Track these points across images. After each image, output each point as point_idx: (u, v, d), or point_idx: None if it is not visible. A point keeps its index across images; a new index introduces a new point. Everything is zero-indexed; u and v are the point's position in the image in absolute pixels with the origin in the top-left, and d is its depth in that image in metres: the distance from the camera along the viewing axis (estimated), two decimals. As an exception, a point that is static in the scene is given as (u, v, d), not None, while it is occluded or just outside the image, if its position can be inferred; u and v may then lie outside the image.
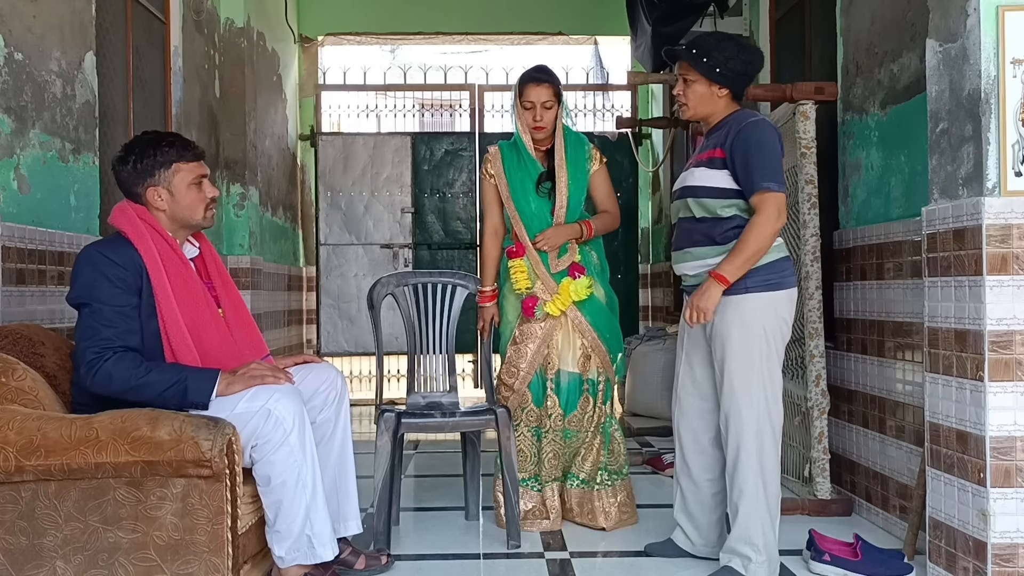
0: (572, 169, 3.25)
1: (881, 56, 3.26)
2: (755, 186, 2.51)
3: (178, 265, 2.42)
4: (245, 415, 2.27)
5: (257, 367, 2.37)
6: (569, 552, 2.99)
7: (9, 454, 2.07)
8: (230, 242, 5.21)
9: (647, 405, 5.68)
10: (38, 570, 2.11)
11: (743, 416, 2.56)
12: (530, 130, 3.22)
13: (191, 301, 2.40)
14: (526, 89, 3.19)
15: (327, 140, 7.13)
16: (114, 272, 2.29)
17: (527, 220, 3.21)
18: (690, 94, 2.64)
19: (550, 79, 3.21)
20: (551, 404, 3.19)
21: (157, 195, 2.42)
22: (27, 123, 2.87)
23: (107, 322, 2.27)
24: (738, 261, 2.49)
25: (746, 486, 2.56)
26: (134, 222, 2.39)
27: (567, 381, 3.21)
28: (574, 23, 7.20)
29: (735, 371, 2.57)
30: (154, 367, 2.28)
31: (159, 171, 2.41)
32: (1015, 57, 2.25)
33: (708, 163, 2.61)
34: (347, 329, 7.08)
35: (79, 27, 3.22)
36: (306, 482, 2.32)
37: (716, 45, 2.58)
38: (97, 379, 2.25)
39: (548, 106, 3.18)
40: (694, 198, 2.62)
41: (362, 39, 7.40)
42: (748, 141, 2.53)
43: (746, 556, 2.57)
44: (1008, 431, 2.25)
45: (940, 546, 2.47)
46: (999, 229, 2.25)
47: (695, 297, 2.55)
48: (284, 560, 2.37)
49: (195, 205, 2.46)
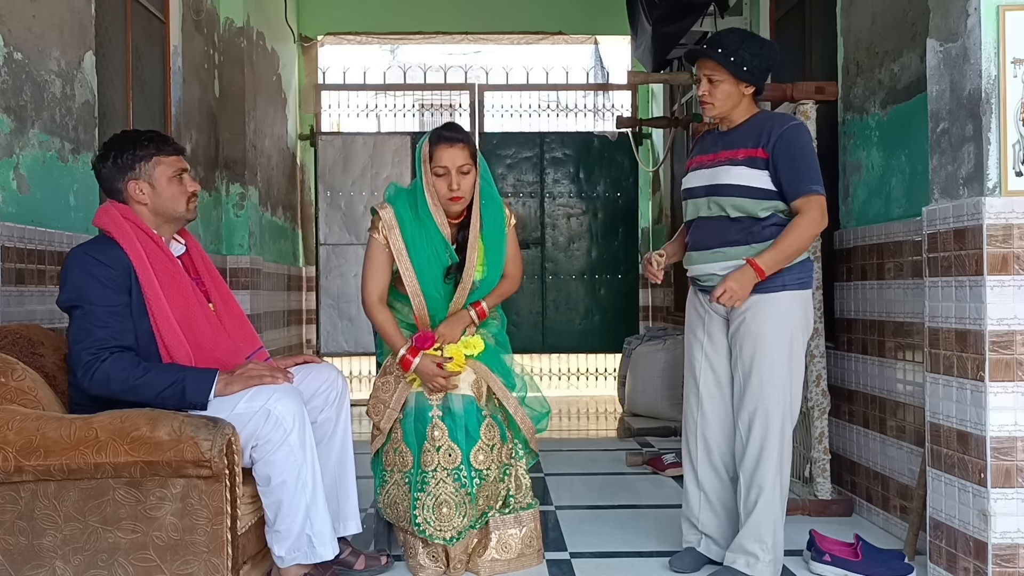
0: (490, 245, 2.79)
1: (881, 56, 3.26)
2: (803, 189, 2.52)
3: (165, 262, 2.41)
4: (245, 415, 2.26)
5: (255, 367, 2.36)
6: (569, 552, 2.99)
7: (9, 454, 2.07)
8: (230, 242, 5.21)
9: (647, 405, 5.67)
10: (37, 570, 2.10)
11: (770, 414, 2.56)
12: (445, 201, 2.71)
13: (181, 298, 2.40)
14: (437, 151, 2.70)
15: (327, 140, 7.13)
16: (103, 272, 2.29)
17: (432, 306, 2.76)
18: (718, 93, 2.59)
19: (465, 139, 2.73)
20: (438, 436, 2.63)
21: (139, 189, 2.42)
22: (26, 123, 2.86)
23: (100, 323, 2.26)
24: (779, 256, 2.50)
25: (765, 484, 2.56)
26: (118, 221, 2.38)
27: (460, 405, 2.67)
28: (574, 23, 7.20)
29: (765, 369, 2.56)
30: (152, 367, 2.27)
31: (139, 165, 2.41)
32: (1016, 57, 2.25)
33: (748, 163, 2.57)
34: (347, 329, 7.08)
35: (78, 27, 3.22)
36: (306, 482, 2.32)
37: (741, 43, 2.56)
38: (95, 381, 2.24)
39: (465, 171, 2.69)
40: (729, 197, 2.58)
41: (362, 39, 7.40)
42: (794, 145, 2.54)
43: (753, 554, 2.56)
44: (1009, 431, 2.25)
45: (940, 546, 2.47)
46: (1000, 229, 2.24)
47: (730, 279, 2.48)
48: (284, 560, 2.37)
49: (177, 198, 2.46)
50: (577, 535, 3.18)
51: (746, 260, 2.51)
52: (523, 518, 2.78)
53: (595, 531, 3.23)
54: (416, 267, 2.73)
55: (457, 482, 2.63)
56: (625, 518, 3.41)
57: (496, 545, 2.73)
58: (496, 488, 2.73)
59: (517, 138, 7.25)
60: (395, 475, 2.72)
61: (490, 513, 2.74)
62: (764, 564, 2.55)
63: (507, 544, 2.74)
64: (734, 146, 2.62)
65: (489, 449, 2.69)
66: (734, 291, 2.48)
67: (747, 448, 2.60)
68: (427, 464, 2.63)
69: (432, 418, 2.66)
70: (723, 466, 2.73)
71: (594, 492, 3.91)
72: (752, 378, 2.58)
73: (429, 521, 2.61)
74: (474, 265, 2.77)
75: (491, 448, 2.70)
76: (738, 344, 2.62)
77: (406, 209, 2.76)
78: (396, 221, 2.74)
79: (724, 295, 2.49)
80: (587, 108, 7.82)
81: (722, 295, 2.50)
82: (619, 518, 3.41)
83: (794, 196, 2.53)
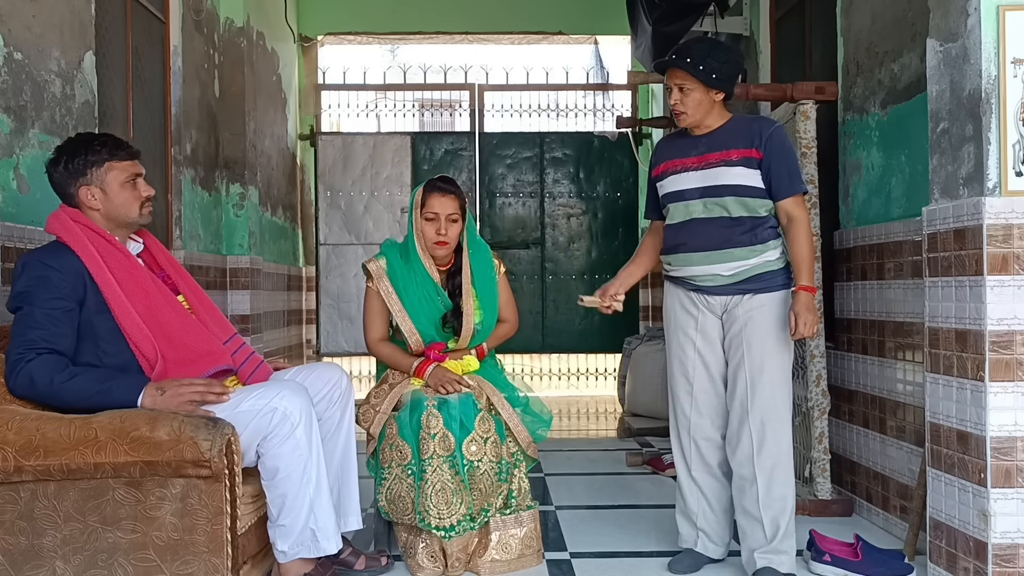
0: (482, 290, 2.98)
1: (881, 56, 3.26)
2: (794, 188, 2.62)
3: (120, 259, 2.38)
4: (251, 412, 2.28)
5: (189, 384, 2.28)
6: (569, 552, 2.99)
7: (8, 454, 2.06)
8: (230, 242, 5.21)
9: (647, 405, 5.67)
10: (37, 570, 2.10)
11: (781, 412, 2.62)
12: (431, 245, 2.93)
13: (141, 291, 2.37)
14: (430, 199, 2.91)
15: (327, 140, 7.13)
16: (50, 276, 2.26)
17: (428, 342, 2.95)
18: (689, 102, 2.65)
19: (457, 192, 2.97)
20: (434, 424, 2.68)
21: (90, 194, 2.39)
22: (26, 123, 2.86)
23: (35, 324, 2.23)
24: (811, 267, 2.59)
25: (789, 480, 2.62)
26: (68, 226, 2.35)
27: (456, 398, 2.76)
28: (574, 23, 7.20)
29: (774, 368, 2.62)
30: (79, 372, 2.24)
31: (91, 170, 2.39)
32: (1016, 57, 2.25)
33: (745, 163, 2.62)
34: (347, 329, 7.08)
35: (78, 27, 3.22)
36: (311, 476, 2.35)
37: (710, 52, 2.63)
38: (18, 381, 2.20)
39: (453, 219, 2.91)
40: (736, 197, 2.61)
41: (362, 39, 7.40)
42: (783, 145, 2.64)
43: (787, 552, 2.61)
44: (1009, 431, 2.25)
45: (940, 546, 2.47)
46: (1000, 229, 2.24)
47: (802, 312, 2.53)
48: (287, 555, 2.38)
49: (129, 203, 2.43)
50: (577, 535, 3.18)
51: (795, 289, 2.58)
52: (523, 519, 2.81)
53: (595, 531, 3.23)
54: (409, 308, 2.94)
55: (453, 468, 2.67)
56: (625, 518, 3.41)
57: (496, 545, 2.75)
58: (495, 486, 2.75)
59: (517, 138, 7.25)
60: (395, 470, 2.74)
61: (490, 513, 2.75)
62: (793, 557, 2.64)
63: (507, 545, 2.77)
64: (721, 148, 2.65)
65: (483, 442, 2.72)
66: (811, 320, 2.54)
67: (764, 447, 2.60)
68: (424, 452, 2.66)
69: (427, 407, 2.71)
70: (717, 463, 2.75)
71: (594, 492, 3.91)
72: (764, 376, 2.61)
73: (430, 510, 2.63)
74: (472, 311, 2.95)
75: (484, 441, 2.73)
76: (744, 343, 2.63)
77: (396, 258, 3.00)
78: (386, 270, 2.98)
79: (807, 328, 2.53)
80: (587, 108, 7.81)
81: (805, 329, 2.53)
82: (619, 518, 3.41)
83: (786, 194, 2.61)
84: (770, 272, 2.64)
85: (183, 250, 4.43)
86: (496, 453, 2.75)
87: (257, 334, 5.26)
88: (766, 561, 2.60)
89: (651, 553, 2.97)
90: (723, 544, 2.81)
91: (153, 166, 4.25)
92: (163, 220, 4.35)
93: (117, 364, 2.31)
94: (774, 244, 2.64)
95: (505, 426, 2.81)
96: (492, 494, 2.75)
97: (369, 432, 2.85)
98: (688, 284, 2.74)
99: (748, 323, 2.62)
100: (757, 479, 2.61)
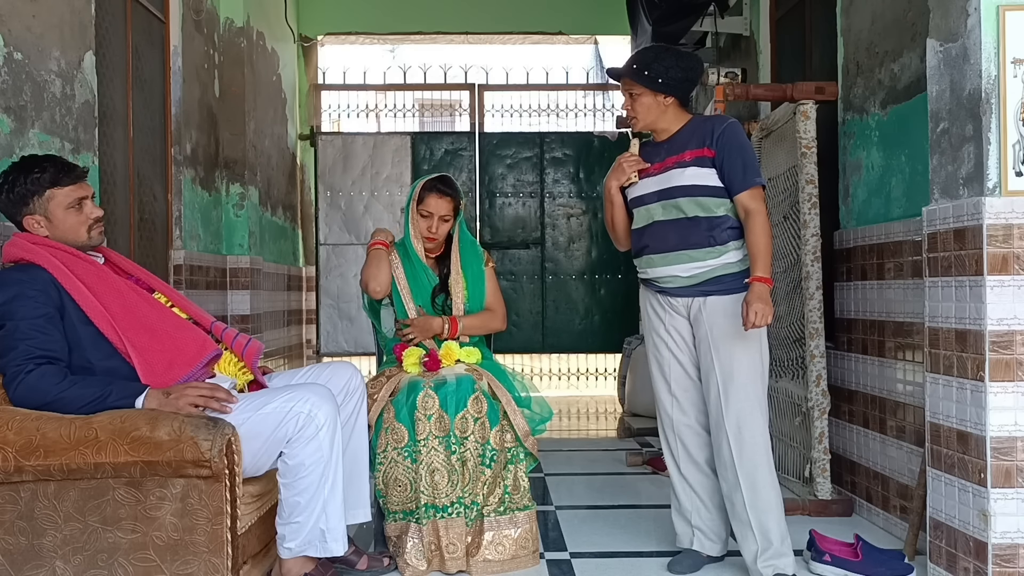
0: (469, 273, 3.17)
1: (881, 56, 3.26)
2: (748, 181, 2.61)
3: (86, 266, 2.36)
4: (276, 414, 2.30)
5: (195, 389, 2.27)
6: (569, 552, 2.99)
7: (8, 454, 2.06)
8: (229, 242, 5.21)
9: (647, 405, 5.67)
10: (37, 570, 2.10)
11: (756, 413, 2.61)
12: (422, 238, 3.12)
13: (113, 291, 2.36)
14: (428, 198, 3.09)
15: (327, 140, 7.13)
16: (25, 290, 2.24)
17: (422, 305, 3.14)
18: (638, 107, 2.72)
19: (453, 194, 3.14)
20: (429, 404, 2.76)
21: (35, 223, 2.34)
22: (26, 123, 2.86)
23: (23, 336, 2.21)
24: (767, 260, 2.57)
25: (771, 491, 2.61)
26: (27, 248, 2.32)
27: (454, 377, 2.87)
28: (574, 23, 7.20)
29: (744, 371, 2.61)
30: (78, 380, 2.22)
31: (32, 200, 2.33)
32: (1016, 57, 2.25)
33: (698, 162, 2.64)
34: (347, 329, 7.08)
35: (78, 27, 3.22)
36: (328, 477, 2.38)
37: (655, 58, 2.67)
38: (19, 392, 2.19)
39: (445, 219, 3.10)
40: (690, 197, 2.64)
41: (362, 39, 7.40)
42: (736, 140, 2.65)
43: (786, 554, 2.61)
44: (1009, 431, 2.25)
45: (940, 546, 2.47)
46: (1000, 229, 2.24)
47: (755, 301, 2.50)
48: (293, 551, 2.40)
49: (76, 228, 2.37)
50: (577, 535, 3.18)
51: (748, 280, 2.55)
52: (519, 519, 2.80)
53: (595, 531, 3.23)
54: (411, 282, 3.12)
55: (448, 450, 2.73)
56: (625, 518, 3.41)
57: (490, 545, 2.75)
58: (477, 469, 2.76)
59: (517, 138, 7.25)
60: (390, 453, 2.77)
61: (481, 506, 2.75)
62: (792, 556, 2.63)
63: (501, 545, 2.76)
64: (677, 151, 2.69)
65: (473, 421, 2.77)
66: (763, 310, 2.50)
67: (743, 450, 2.59)
68: (420, 432, 2.73)
69: (424, 387, 2.79)
70: (704, 459, 2.77)
71: (594, 492, 3.91)
72: (735, 380, 2.60)
73: (424, 490, 2.70)
74: (461, 287, 3.12)
75: (476, 420, 2.77)
76: (712, 347, 2.64)
77: (399, 246, 3.20)
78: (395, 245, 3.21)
79: (757, 317, 2.50)
80: (587, 108, 7.81)
81: (757, 319, 2.51)
82: (619, 518, 3.41)
83: (742, 188, 2.62)
84: (731, 275, 2.64)
85: (183, 250, 4.43)
86: (483, 435, 2.77)
87: (257, 334, 5.26)
88: (772, 569, 2.59)
89: (651, 553, 2.97)
90: (720, 541, 2.81)
91: (153, 166, 4.25)
92: (163, 220, 4.35)
93: (106, 368, 2.29)
94: (735, 245, 2.64)
95: (502, 413, 2.83)
96: (476, 479, 2.76)
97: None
98: (654, 286, 2.78)
99: (713, 327, 2.64)
100: (741, 484, 2.61)
